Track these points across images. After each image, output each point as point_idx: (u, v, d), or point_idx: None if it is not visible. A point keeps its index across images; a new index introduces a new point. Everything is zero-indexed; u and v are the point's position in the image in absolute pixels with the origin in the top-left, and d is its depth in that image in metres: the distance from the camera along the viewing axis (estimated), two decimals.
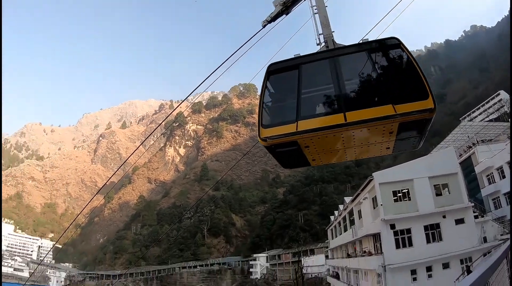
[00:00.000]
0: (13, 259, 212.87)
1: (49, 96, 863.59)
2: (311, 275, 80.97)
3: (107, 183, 42.96)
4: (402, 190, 33.98)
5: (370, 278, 35.10)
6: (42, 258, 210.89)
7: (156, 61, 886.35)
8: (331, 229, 63.39)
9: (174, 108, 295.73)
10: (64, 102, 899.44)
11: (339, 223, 52.61)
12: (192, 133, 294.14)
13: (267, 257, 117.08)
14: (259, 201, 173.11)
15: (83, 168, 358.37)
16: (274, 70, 8.42)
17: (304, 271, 66.37)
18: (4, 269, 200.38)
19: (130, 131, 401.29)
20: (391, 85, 7.41)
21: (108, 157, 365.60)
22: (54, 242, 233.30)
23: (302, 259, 75.26)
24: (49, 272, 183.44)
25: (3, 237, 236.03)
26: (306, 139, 7.69)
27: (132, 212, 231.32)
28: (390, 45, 7.75)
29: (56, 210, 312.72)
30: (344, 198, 51.86)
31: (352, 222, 44.76)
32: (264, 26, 10.02)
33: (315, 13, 9.17)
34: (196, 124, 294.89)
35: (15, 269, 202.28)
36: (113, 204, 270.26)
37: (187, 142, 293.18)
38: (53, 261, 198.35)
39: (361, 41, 8.10)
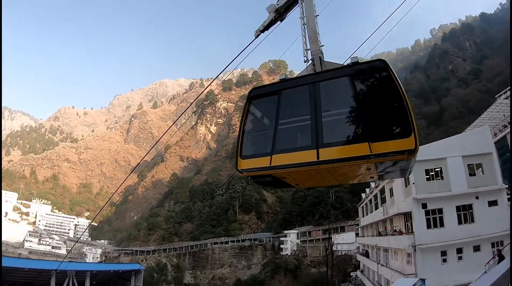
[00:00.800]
0: (51, 238, 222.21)
1: (81, 80, 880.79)
2: (341, 252, 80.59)
3: (140, 162, 43.82)
4: (434, 168, 33.04)
5: (400, 257, 34.71)
6: (79, 236, 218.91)
7: (186, 39, 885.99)
8: (362, 207, 62.90)
9: (205, 86, 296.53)
10: (95, 85, 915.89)
11: (370, 201, 52.09)
12: (223, 110, 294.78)
13: (297, 233, 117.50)
14: None
15: (116, 148, 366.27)
16: (256, 95, 8.18)
17: (334, 248, 66.23)
18: (42, 247, 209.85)
19: (162, 110, 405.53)
20: (370, 118, 6.76)
21: (141, 137, 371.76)
22: (90, 220, 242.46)
23: (332, 236, 75.19)
24: (86, 249, 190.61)
25: (41, 217, 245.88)
26: (281, 172, 7.48)
27: (165, 189, 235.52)
28: (375, 69, 7.01)
29: (91, 190, 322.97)
30: None
31: (383, 200, 44.19)
32: (256, 36, 9.78)
33: (305, 24, 8.54)
34: (227, 102, 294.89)
35: (53, 247, 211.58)
36: (146, 182, 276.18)
37: (218, 120, 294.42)
38: (89, 239, 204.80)
39: (350, 58, 7.35)
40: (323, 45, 8.25)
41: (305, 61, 8.34)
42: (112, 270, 42.09)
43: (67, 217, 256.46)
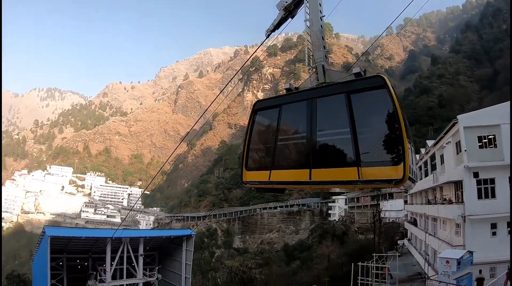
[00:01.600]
0: (106, 207, 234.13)
1: (126, 55, 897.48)
2: (389, 219, 79.34)
3: (189, 131, 44.49)
4: (487, 136, 31.12)
5: (448, 227, 33.60)
6: (132, 205, 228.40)
7: (228, 6, 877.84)
8: None
9: (250, 53, 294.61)
10: (141, 60, 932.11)
11: (420, 167, 50.39)
12: (269, 76, 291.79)
13: (345, 199, 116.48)
14: None
15: (165, 119, 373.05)
16: (259, 108, 8.64)
17: (381, 216, 65.26)
18: (98, 217, 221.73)
19: (208, 79, 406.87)
20: (362, 141, 6.59)
21: (188, 107, 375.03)
22: (143, 189, 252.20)
23: (381, 203, 73.64)
24: (139, 217, 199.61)
25: (95, 188, 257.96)
26: (279, 186, 8.11)
27: (214, 157, 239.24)
28: (373, 86, 6.65)
29: (142, 160, 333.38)
30: (426, 141, 49.38)
31: (433, 167, 42.62)
32: (267, 36, 9.68)
33: (309, 27, 8.45)
34: (273, 67, 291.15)
35: (108, 216, 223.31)
36: (196, 151, 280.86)
37: (264, 86, 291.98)
38: (142, 206, 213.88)
39: (353, 69, 7.14)
40: (327, 51, 8.28)
41: (309, 69, 8.42)
42: (164, 236, 43.55)
43: (120, 187, 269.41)
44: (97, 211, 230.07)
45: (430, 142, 45.72)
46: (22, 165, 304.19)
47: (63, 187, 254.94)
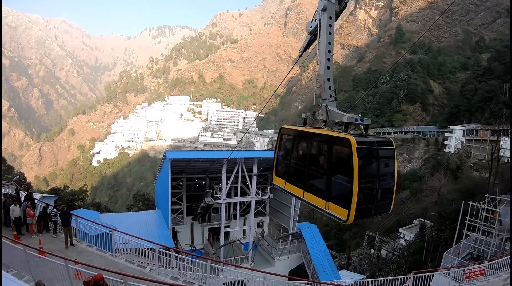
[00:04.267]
0: (222, 131, 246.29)
1: None
2: (507, 159, 70.58)
3: (301, 54, 42.80)
4: None
5: None
6: (247, 128, 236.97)
7: None
8: None
9: None
10: None
11: None
12: None
13: (463, 130, 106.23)
14: (460, 67, 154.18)
15: (276, 43, 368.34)
16: (283, 133, 11.36)
17: (500, 154, 58.56)
18: (215, 140, 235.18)
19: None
20: (332, 183, 8.58)
21: (299, 29, 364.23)
22: (257, 113, 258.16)
23: (501, 139, 65.97)
24: (254, 139, 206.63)
25: (212, 114, 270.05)
26: (290, 194, 10.71)
27: None
28: (342, 145, 8.26)
29: (256, 85, 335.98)
30: None
31: None
32: (301, 55, 12.58)
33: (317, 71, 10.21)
34: None
35: (224, 139, 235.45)
36: (309, 73, 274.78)
37: (378, 3, 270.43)
38: (257, 129, 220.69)
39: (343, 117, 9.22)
40: (332, 91, 10.19)
41: (314, 105, 11.04)
42: None
43: (235, 112, 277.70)
44: (214, 135, 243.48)
45: None
46: (143, 99, 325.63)
47: (181, 114, 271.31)
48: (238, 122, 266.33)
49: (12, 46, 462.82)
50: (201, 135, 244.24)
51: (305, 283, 20.37)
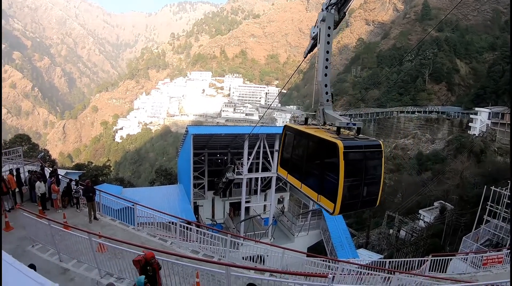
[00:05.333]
0: (244, 106, 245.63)
1: None
2: None
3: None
4: None
5: None
6: (269, 103, 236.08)
7: None
8: None
9: None
10: None
11: None
12: None
13: (489, 113, 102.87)
14: (488, 47, 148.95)
15: (299, 18, 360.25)
16: (286, 130, 12.31)
17: None
18: (237, 115, 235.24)
19: None
20: (323, 178, 9.60)
21: (322, 3, 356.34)
22: (280, 88, 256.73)
23: None
24: (276, 114, 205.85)
25: (234, 89, 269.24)
26: (291, 185, 11.76)
27: (351, 55, 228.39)
28: (331, 148, 9.05)
29: (278, 60, 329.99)
30: None
31: None
32: (305, 57, 13.63)
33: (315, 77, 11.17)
34: None
35: (246, 114, 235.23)
36: (332, 49, 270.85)
37: None
38: (279, 105, 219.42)
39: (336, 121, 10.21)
40: (329, 96, 11.10)
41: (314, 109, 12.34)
42: None
43: (258, 87, 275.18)
44: (236, 110, 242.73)
45: None
46: (165, 75, 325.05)
47: (203, 90, 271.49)
48: (260, 98, 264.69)
49: (33, 27, 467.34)
50: (223, 111, 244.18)
51: (323, 260, 20.51)
